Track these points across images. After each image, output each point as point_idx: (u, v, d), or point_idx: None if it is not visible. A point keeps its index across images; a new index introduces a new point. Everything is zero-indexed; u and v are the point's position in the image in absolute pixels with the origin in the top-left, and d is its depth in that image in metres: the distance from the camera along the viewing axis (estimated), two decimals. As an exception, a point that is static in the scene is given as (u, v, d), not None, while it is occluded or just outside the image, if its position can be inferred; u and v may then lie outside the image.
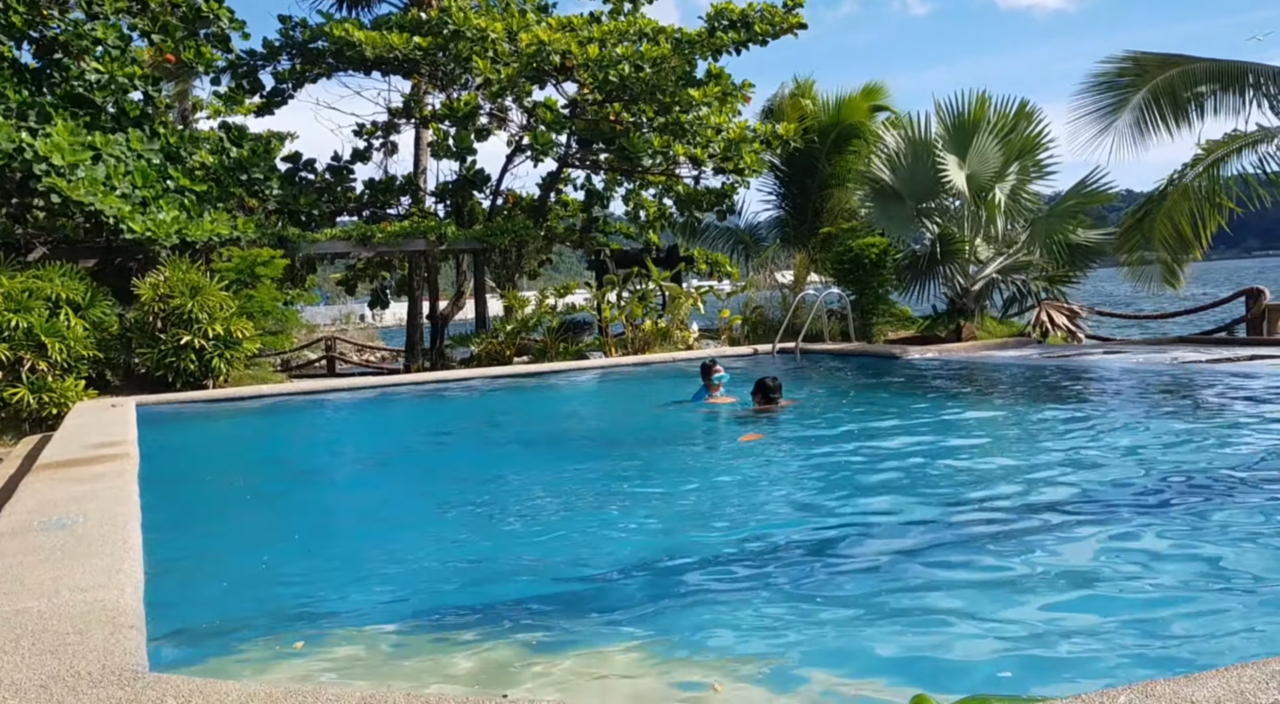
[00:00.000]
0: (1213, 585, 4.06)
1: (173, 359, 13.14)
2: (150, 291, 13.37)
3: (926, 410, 9.47)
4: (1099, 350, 13.01)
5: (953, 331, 15.51)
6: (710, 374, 9.78)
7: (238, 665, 3.72)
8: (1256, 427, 7.47)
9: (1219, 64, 12.61)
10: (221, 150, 16.83)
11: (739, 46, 17.90)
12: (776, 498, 6.31)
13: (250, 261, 14.52)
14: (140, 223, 14.17)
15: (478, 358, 16.86)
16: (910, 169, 16.05)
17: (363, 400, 12.99)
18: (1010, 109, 15.79)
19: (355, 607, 4.42)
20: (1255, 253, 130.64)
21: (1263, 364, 10.48)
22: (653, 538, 5.43)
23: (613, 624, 4.02)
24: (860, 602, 4.10)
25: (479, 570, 4.95)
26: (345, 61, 18.23)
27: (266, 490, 7.56)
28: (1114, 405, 9.31)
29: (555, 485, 7.02)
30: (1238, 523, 4.94)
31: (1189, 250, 13.73)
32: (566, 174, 20.18)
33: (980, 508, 5.59)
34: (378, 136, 20.14)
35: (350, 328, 34.94)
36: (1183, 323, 15.71)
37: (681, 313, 17.08)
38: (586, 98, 17.95)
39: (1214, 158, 13.08)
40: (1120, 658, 3.38)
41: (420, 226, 17.36)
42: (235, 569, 5.23)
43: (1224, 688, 2.29)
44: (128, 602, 3.65)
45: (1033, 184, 16.19)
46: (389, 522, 6.25)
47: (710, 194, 19.28)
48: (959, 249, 15.74)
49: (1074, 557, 4.54)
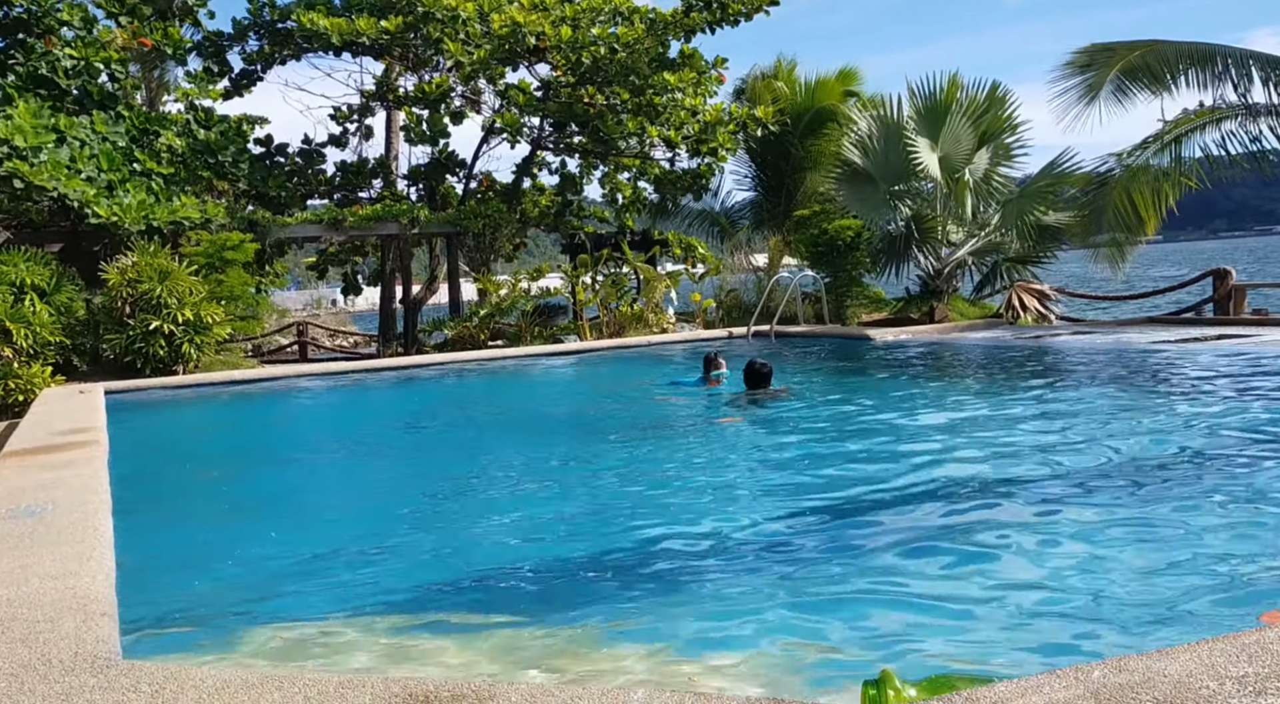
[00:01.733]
0: (1185, 560, 4.12)
1: (141, 345, 12.96)
2: (118, 276, 13.17)
3: (898, 392, 9.53)
4: (1068, 331, 13.14)
5: (925, 313, 15.61)
6: (711, 368, 9.67)
7: (212, 652, 3.69)
8: (1220, 404, 7.58)
9: (1189, 46, 12.69)
10: (189, 133, 16.57)
11: (713, 25, 17.80)
12: (749, 482, 6.33)
13: (220, 246, 14.33)
14: (106, 207, 13.94)
15: (452, 342, 16.77)
16: (883, 152, 16.07)
17: (336, 386, 12.89)
18: (981, 92, 15.85)
19: (330, 594, 4.40)
20: (1222, 234, 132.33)
21: (1228, 343, 10.63)
22: (627, 524, 5.42)
23: (586, 611, 4.02)
24: (833, 583, 4.13)
25: (457, 558, 4.94)
26: (315, 44, 17.98)
27: (239, 477, 7.49)
28: (1082, 385, 9.41)
29: (531, 471, 7.01)
30: (1204, 498, 5.02)
31: (1142, 228, 13.88)
32: (541, 157, 20.06)
33: (951, 487, 5.63)
34: (353, 120, 19.91)
35: (322, 313, 34.63)
36: (1157, 301, 15.91)
37: (656, 296, 17.06)
38: (560, 80, 17.82)
39: (1174, 135, 13.20)
40: (1094, 633, 3.43)
41: (393, 210, 17.20)
42: (208, 557, 5.19)
43: (1196, 661, 2.32)
44: (99, 589, 3.61)
45: (1004, 166, 16.28)
46: (364, 509, 6.21)
47: (685, 176, 19.24)
48: (931, 231, 15.81)
49: (1046, 535, 4.59)
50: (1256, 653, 2.35)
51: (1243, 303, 13.67)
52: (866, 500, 5.50)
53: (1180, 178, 13.23)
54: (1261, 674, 2.24)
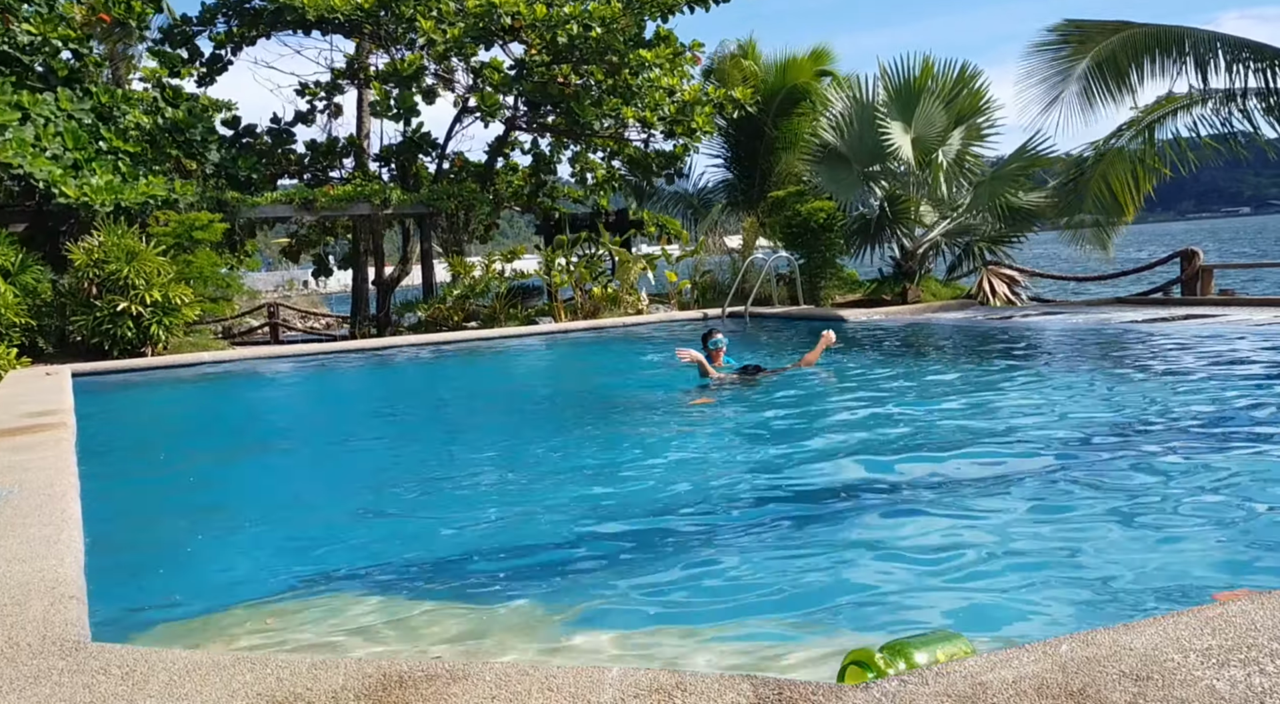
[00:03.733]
0: (1149, 537, 4.18)
1: (109, 326, 12.80)
2: (84, 257, 12.98)
3: (868, 372, 9.59)
4: (1038, 312, 13.27)
5: (899, 294, 15.70)
6: (709, 341, 9.65)
7: (182, 634, 3.67)
8: (1185, 382, 7.69)
9: (1158, 29, 12.80)
10: (156, 111, 16.30)
11: (691, 5, 17.70)
12: (720, 462, 6.34)
13: (188, 226, 14.14)
14: (73, 187, 13.70)
15: (425, 324, 16.69)
16: (857, 133, 16.10)
17: (307, 368, 12.80)
18: (953, 74, 15.87)
19: (301, 576, 4.37)
20: (1190, 215, 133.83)
21: (1195, 323, 10.77)
22: (598, 506, 5.43)
23: (559, 592, 4.03)
24: (804, 560, 4.16)
25: (430, 540, 4.91)
26: (285, 22, 17.70)
27: (208, 460, 7.42)
28: (1049, 363, 9.51)
29: (502, 454, 7.00)
30: (1169, 475, 5.09)
31: (1121, 213, 14.04)
32: (514, 137, 19.91)
33: (920, 464, 5.68)
34: (320, 98, 19.65)
35: (294, 294, 34.29)
36: (1129, 282, 16.12)
37: (631, 277, 17.04)
38: (534, 59, 17.68)
39: (1149, 121, 13.34)
40: (1061, 607, 3.48)
41: (364, 190, 17.03)
42: (177, 539, 5.14)
43: (1161, 635, 2.36)
44: (68, 572, 3.57)
45: (976, 147, 16.35)
46: (336, 491, 6.18)
47: (660, 156, 19.18)
48: (905, 213, 15.88)
49: (1013, 510, 4.65)
50: (1220, 626, 2.39)
51: (1210, 283, 13.85)
52: (836, 479, 5.54)
53: (1154, 163, 13.37)
54: (1225, 646, 2.28)
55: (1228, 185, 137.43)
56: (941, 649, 2.59)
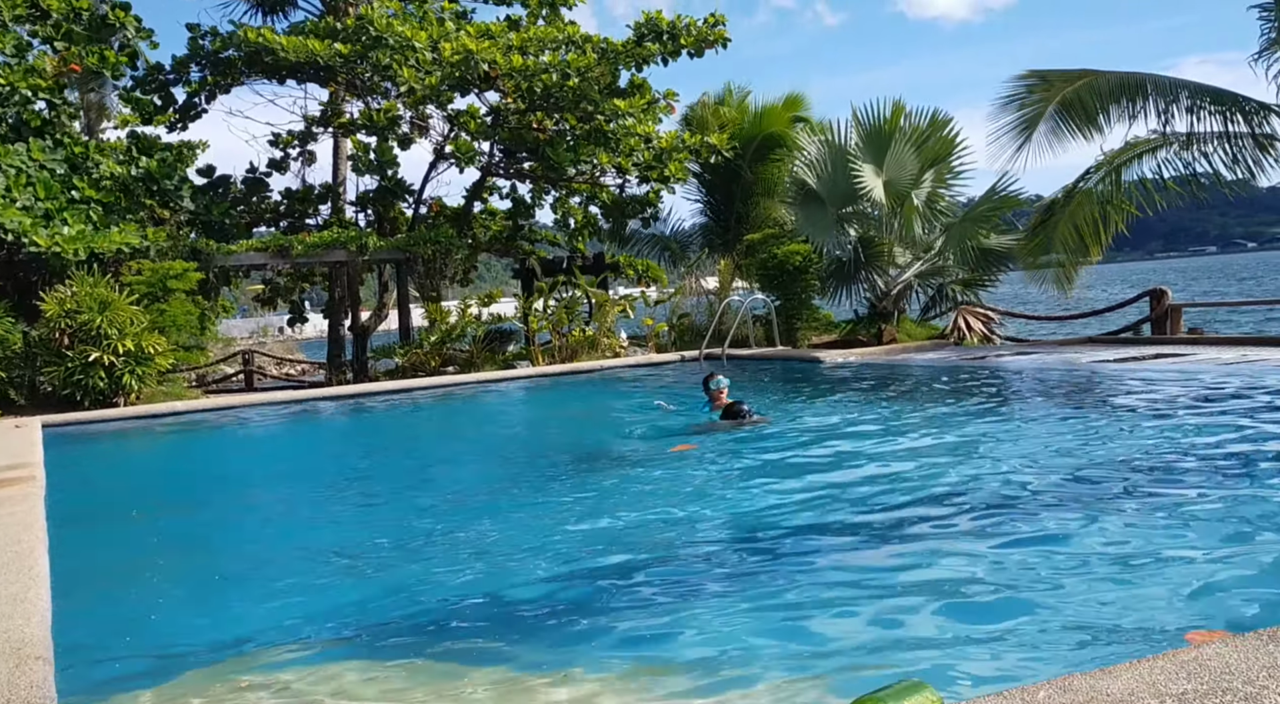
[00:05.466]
0: (1122, 579, 4.20)
1: (81, 376, 12.66)
2: (56, 307, 12.87)
3: (844, 413, 9.62)
4: (1011, 351, 13.40)
5: (874, 335, 15.82)
6: (710, 382, 9.84)
7: (152, 696, 3.59)
8: (1156, 422, 7.76)
9: (1120, 75, 13.13)
10: (130, 160, 16.29)
11: (665, 57, 17.96)
12: (697, 513, 6.25)
13: (162, 274, 14.08)
14: (44, 237, 13.63)
15: (402, 369, 16.62)
16: (831, 176, 16.34)
17: (282, 415, 12.69)
18: (924, 119, 16.18)
19: (272, 633, 4.30)
20: (1158, 255, 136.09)
21: (1165, 362, 10.91)
22: (575, 555, 5.38)
23: (543, 647, 3.99)
24: (777, 608, 4.14)
25: (409, 597, 4.83)
26: (260, 68, 17.79)
27: (181, 513, 7.32)
28: (1023, 404, 9.59)
29: (480, 502, 6.95)
30: (1141, 516, 5.12)
31: (1087, 254, 14.30)
32: (491, 183, 20.04)
33: (897, 508, 5.69)
34: (294, 146, 19.72)
35: (269, 341, 34.08)
36: (1099, 321, 16.39)
37: (609, 320, 17.09)
38: (509, 106, 17.85)
39: (1115, 164, 13.63)
40: (1038, 654, 3.47)
41: (341, 237, 17.04)
42: (149, 596, 5.05)
43: (1137, 679, 2.37)
44: (34, 632, 3.50)
45: (947, 190, 16.62)
46: (310, 546, 6.08)
47: (635, 202, 19.35)
48: (879, 254, 16.06)
49: (988, 556, 4.65)
50: (1194, 670, 2.40)
51: (1179, 322, 14.05)
52: (810, 523, 5.53)
53: (1121, 204, 13.65)
54: (1200, 691, 2.29)
55: (1194, 225, 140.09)
56: (909, 701, 2.56)
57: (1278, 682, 2.30)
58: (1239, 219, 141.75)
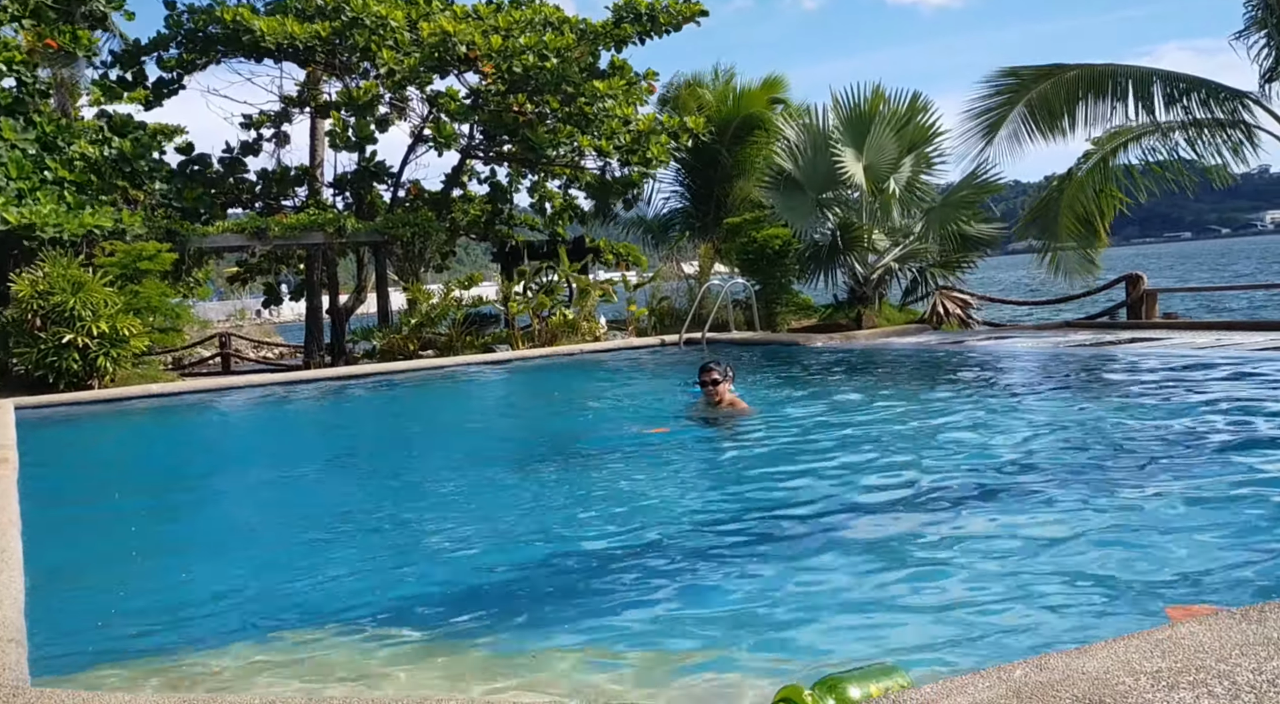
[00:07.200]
0: (1098, 559, 4.24)
1: (54, 358, 12.51)
2: (29, 288, 12.70)
3: (825, 397, 9.66)
4: (989, 336, 13.48)
5: (853, 319, 15.87)
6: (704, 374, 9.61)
7: (127, 678, 3.56)
8: (1132, 404, 7.84)
9: (1091, 68, 13.24)
10: (103, 141, 16.05)
11: (643, 37, 17.92)
12: (672, 497, 6.27)
13: (135, 256, 13.91)
14: (14, 214, 13.42)
15: (380, 353, 16.53)
16: (810, 160, 16.34)
17: (260, 399, 12.60)
18: (903, 103, 16.19)
19: (250, 617, 4.27)
20: (1134, 240, 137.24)
21: (1140, 346, 11.01)
22: (551, 539, 5.38)
23: (518, 626, 3.99)
24: (752, 590, 4.15)
25: (388, 579, 4.82)
26: (238, 48, 17.55)
27: (156, 496, 7.26)
28: (1000, 387, 9.65)
29: (463, 488, 6.93)
30: (1117, 496, 5.17)
31: (1096, 238, 14.45)
32: (470, 166, 19.90)
33: (873, 491, 5.72)
34: (268, 126, 19.46)
35: (246, 323, 33.80)
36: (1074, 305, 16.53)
37: (589, 305, 17.05)
38: (489, 88, 17.72)
39: (1104, 151, 13.74)
40: (1014, 632, 3.50)
41: (318, 219, 16.88)
42: (123, 579, 5.01)
43: (1113, 658, 2.39)
44: (7, 614, 3.46)
45: (926, 175, 16.67)
46: (286, 528, 6.04)
47: (617, 184, 19.27)
48: (858, 239, 16.09)
49: (965, 536, 4.68)
50: (1169, 648, 2.43)
51: (1154, 307, 14.17)
52: (787, 506, 5.55)
53: (1112, 192, 13.79)
54: (1174, 669, 2.31)
55: (1170, 211, 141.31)
56: (876, 683, 2.56)
57: (1250, 658, 2.33)
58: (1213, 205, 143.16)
